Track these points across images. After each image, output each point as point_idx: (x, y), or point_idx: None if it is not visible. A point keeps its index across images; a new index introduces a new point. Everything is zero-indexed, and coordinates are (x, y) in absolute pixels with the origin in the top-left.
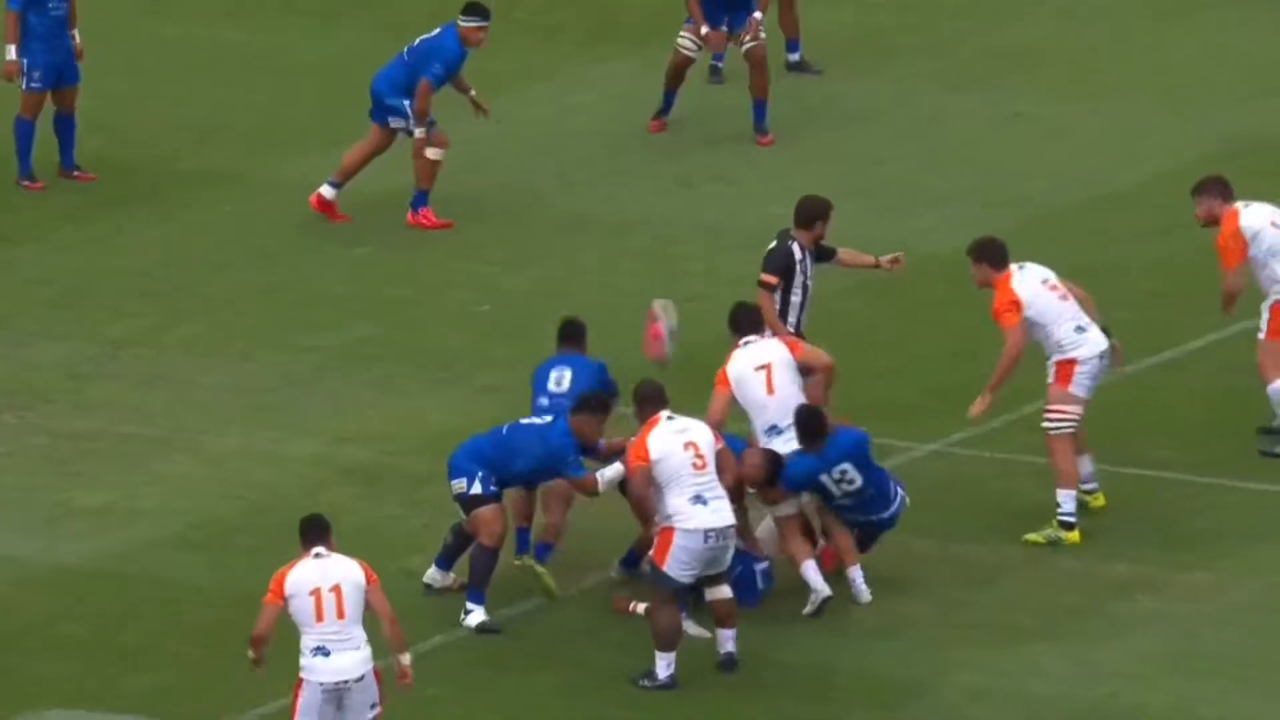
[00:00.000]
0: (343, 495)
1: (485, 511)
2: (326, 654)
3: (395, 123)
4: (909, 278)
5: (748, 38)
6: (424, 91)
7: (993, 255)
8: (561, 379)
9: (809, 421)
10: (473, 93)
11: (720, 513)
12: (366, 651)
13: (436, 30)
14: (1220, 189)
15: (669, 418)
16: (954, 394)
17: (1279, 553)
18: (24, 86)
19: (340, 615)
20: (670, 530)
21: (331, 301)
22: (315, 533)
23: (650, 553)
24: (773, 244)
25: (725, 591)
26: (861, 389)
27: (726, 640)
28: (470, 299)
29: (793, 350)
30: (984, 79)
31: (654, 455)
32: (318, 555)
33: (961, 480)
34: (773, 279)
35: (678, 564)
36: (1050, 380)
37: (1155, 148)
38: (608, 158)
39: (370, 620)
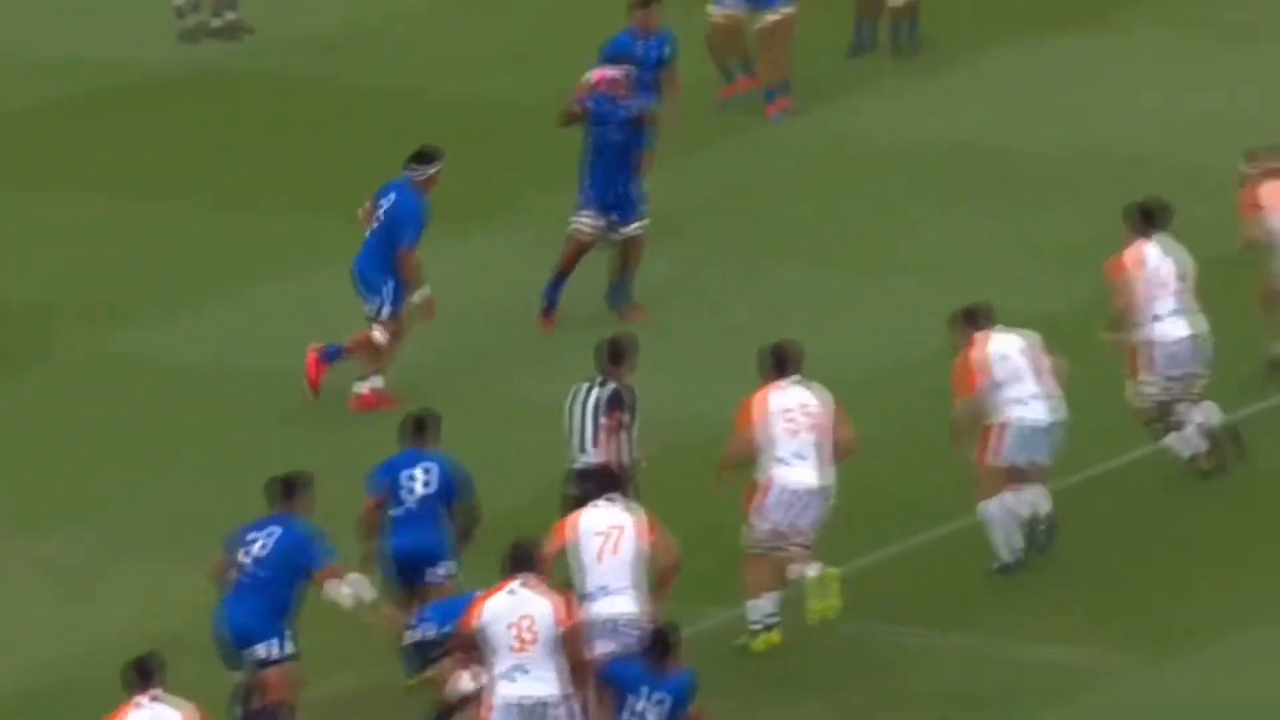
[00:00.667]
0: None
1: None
2: None
3: (370, 302)
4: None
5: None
6: (409, 259)
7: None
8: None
9: (661, 642)
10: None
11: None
12: None
13: (389, 195)
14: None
15: (510, 592)
16: None
17: None
18: None
19: None
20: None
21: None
22: (145, 677)
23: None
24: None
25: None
26: None
27: None
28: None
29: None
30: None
31: (484, 619)
32: (154, 698)
33: None
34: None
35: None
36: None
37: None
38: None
39: None
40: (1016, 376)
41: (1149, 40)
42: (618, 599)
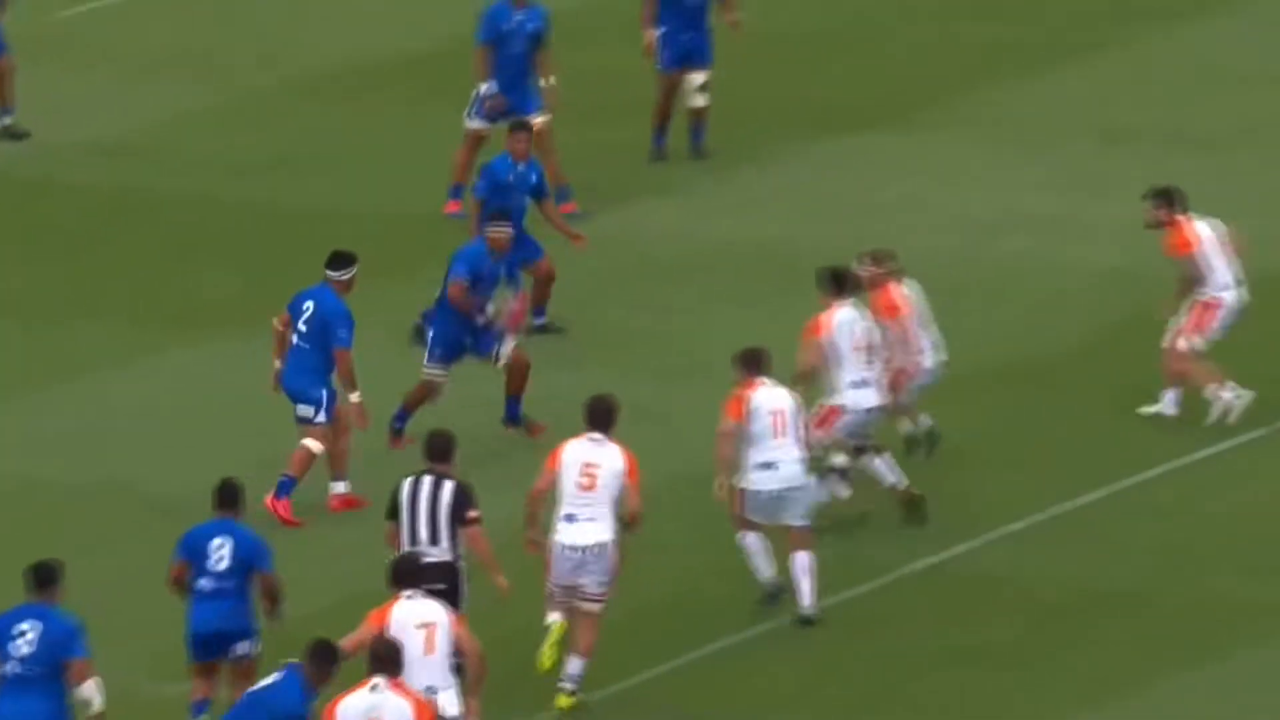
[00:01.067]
0: None
1: None
2: None
3: (303, 411)
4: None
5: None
6: (346, 358)
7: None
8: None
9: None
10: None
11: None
12: None
13: (307, 302)
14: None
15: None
16: None
17: None
18: None
19: None
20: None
21: None
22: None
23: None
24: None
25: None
26: None
27: None
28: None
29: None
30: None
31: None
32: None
33: None
34: None
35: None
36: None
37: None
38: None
39: None
40: (768, 432)
41: (942, 142)
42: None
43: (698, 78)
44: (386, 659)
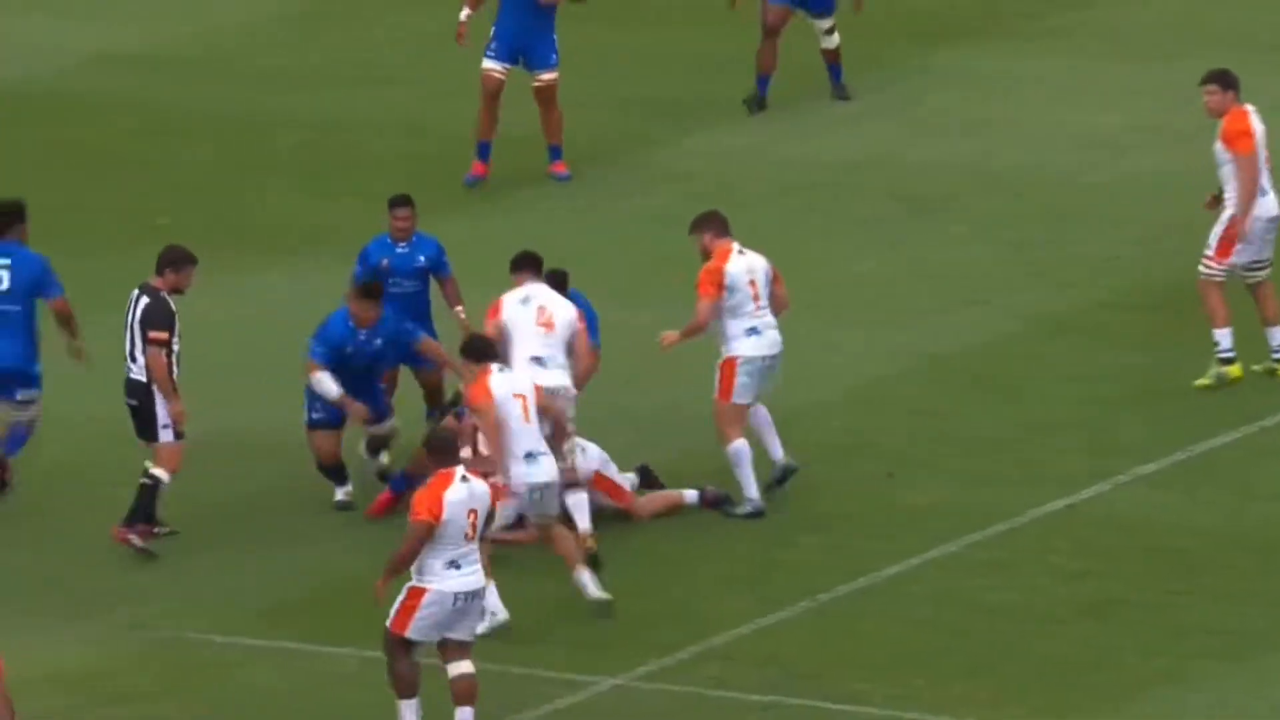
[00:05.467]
0: None
1: None
2: None
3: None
4: None
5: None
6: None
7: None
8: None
9: None
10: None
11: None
12: None
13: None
14: (719, 224)
15: (463, 478)
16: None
17: None
18: None
19: None
20: (420, 591)
21: None
22: None
23: (392, 611)
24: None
25: (468, 667)
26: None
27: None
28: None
29: None
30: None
31: (445, 515)
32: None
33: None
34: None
35: (422, 628)
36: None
37: (842, 365)
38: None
39: None
40: (748, 301)
41: (1060, 52)
42: None
43: (824, 23)
44: (447, 450)
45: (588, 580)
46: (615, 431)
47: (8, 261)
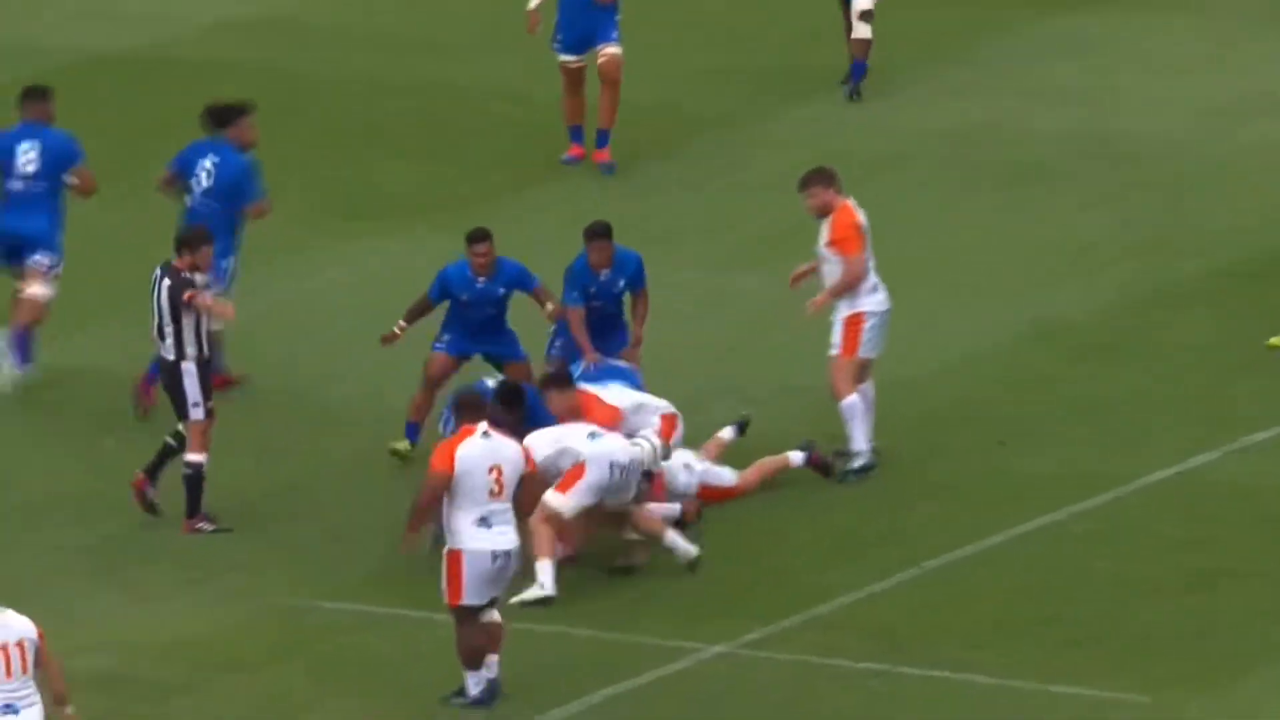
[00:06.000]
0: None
1: None
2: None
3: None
4: None
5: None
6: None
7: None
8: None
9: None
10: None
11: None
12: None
13: None
14: (833, 180)
15: (485, 434)
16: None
17: None
18: None
19: (9, 675)
20: (457, 554)
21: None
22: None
23: (443, 585)
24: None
25: (496, 616)
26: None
27: (493, 666)
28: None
29: None
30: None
31: (459, 468)
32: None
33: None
34: None
35: (473, 589)
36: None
37: (953, 333)
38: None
39: None
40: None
41: (1175, 19)
42: None
43: (862, 2)
44: (472, 406)
45: (678, 540)
46: (719, 399)
47: (36, 142)
